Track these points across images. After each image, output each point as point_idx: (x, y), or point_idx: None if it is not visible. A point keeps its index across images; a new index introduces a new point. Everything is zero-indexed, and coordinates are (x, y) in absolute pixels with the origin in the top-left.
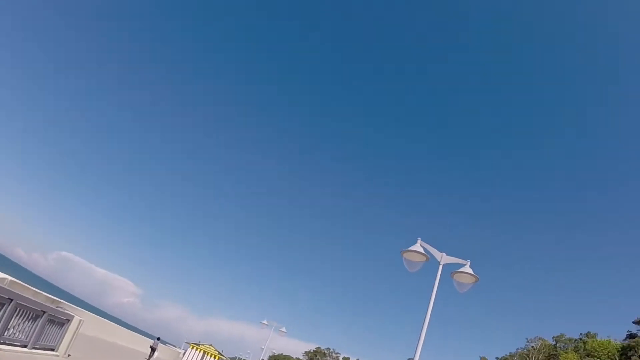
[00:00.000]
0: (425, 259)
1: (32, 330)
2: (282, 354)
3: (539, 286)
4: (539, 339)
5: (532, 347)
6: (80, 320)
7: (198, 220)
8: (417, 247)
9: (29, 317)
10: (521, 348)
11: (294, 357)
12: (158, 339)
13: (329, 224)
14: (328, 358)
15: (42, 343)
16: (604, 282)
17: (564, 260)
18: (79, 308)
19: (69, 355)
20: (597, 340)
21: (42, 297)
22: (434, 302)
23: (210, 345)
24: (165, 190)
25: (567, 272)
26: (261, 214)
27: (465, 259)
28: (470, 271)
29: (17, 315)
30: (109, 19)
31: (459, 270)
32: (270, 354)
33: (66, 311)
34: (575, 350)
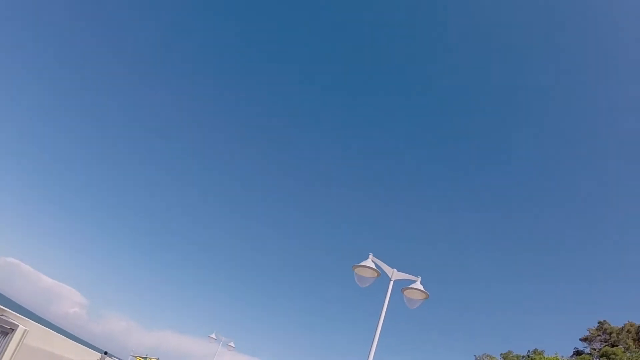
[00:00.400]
0: (376, 274)
1: None
2: None
3: (486, 303)
4: (487, 356)
5: None
6: (25, 330)
7: (151, 227)
8: (369, 262)
9: None
10: None
11: None
12: (105, 353)
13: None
14: None
15: None
16: (552, 299)
17: (512, 277)
18: (24, 317)
19: None
20: (544, 357)
21: None
22: (384, 318)
23: (157, 358)
24: (116, 195)
25: (515, 289)
26: (217, 223)
27: (417, 275)
28: (421, 287)
29: None
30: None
31: (409, 286)
32: None
33: (10, 320)
34: None
